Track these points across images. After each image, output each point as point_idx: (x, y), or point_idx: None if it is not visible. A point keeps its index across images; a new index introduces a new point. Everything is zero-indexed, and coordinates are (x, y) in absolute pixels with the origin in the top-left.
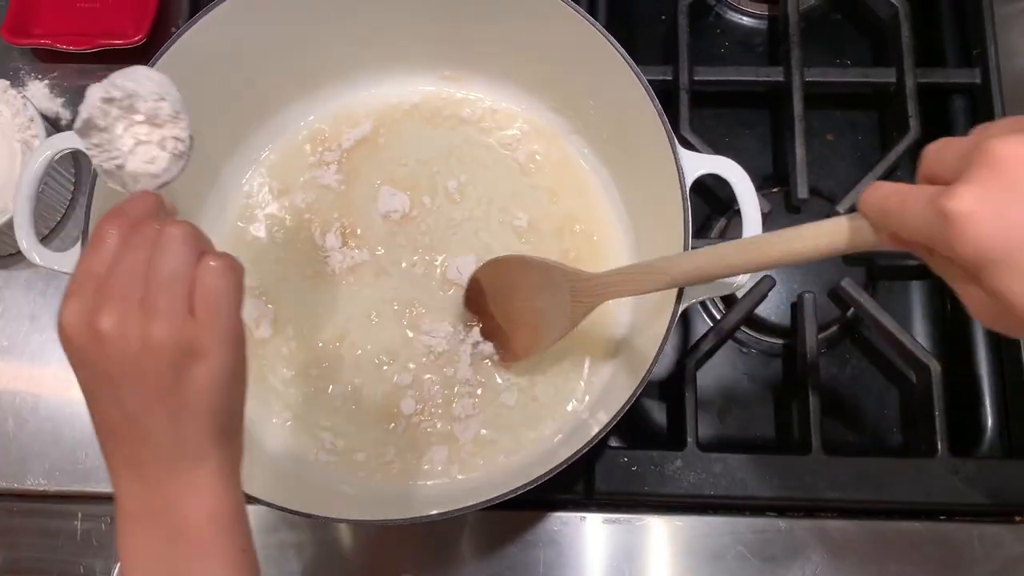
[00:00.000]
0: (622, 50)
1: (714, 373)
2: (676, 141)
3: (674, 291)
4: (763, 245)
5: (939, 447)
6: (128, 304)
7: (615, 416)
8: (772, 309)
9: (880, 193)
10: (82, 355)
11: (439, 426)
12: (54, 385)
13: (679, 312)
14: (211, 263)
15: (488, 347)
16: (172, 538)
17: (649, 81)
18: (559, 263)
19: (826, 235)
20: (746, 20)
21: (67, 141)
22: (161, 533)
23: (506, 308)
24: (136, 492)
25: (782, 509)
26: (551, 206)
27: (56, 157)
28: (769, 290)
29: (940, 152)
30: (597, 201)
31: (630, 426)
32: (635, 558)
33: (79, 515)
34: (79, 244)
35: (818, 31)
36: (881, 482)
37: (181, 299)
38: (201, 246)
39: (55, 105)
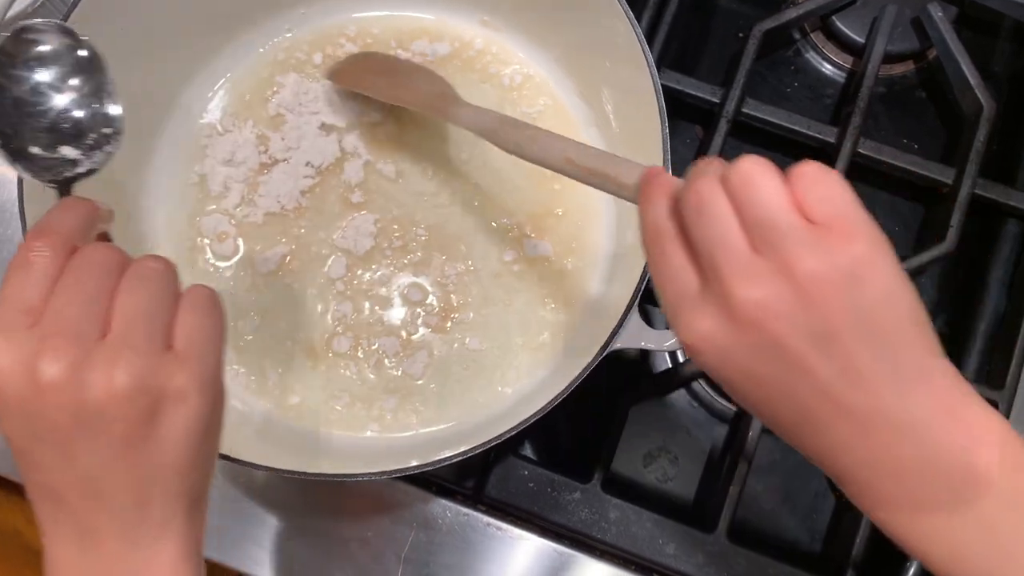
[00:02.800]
0: (651, 60)
1: (656, 415)
2: (669, 162)
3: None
4: (558, 143)
5: (848, 572)
6: (81, 344)
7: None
8: None
9: (654, 231)
10: (20, 407)
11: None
12: None
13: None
14: (198, 297)
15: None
16: None
17: (694, 98)
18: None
19: (611, 167)
20: (825, 67)
21: None
22: None
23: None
24: (83, 566)
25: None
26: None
27: None
28: None
29: (697, 220)
30: (589, 199)
31: (545, 440)
32: (499, 569)
33: None
34: None
35: (895, 103)
36: None
37: (160, 336)
38: (178, 280)
39: None
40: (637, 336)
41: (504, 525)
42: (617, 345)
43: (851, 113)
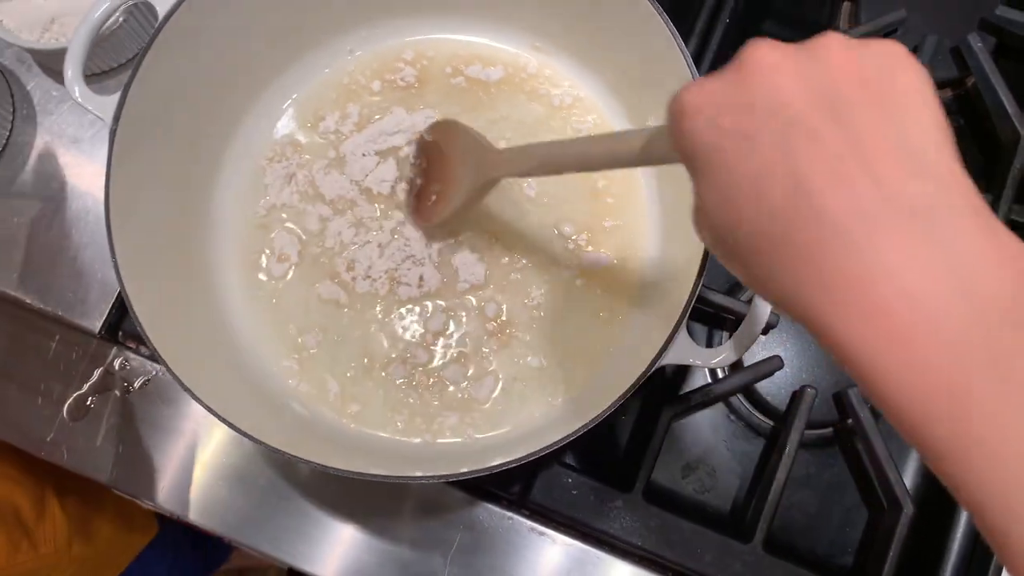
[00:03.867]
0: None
1: (694, 429)
2: None
3: (680, 306)
4: (594, 145)
5: None
6: None
7: (605, 411)
8: (773, 390)
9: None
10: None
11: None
12: (72, 214)
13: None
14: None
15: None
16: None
17: None
18: (480, 134)
19: (642, 139)
20: None
21: None
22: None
23: (439, 172)
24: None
25: None
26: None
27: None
28: (775, 370)
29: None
30: (638, 197)
31: (587, 451)
32: (541, 572)
33: (56, 337)
34: (118, 94)
35: None
36: None
37: None
38: None
39: None
40: (685, 352)
41: (547, 530)
42: (665, 360)
43: None
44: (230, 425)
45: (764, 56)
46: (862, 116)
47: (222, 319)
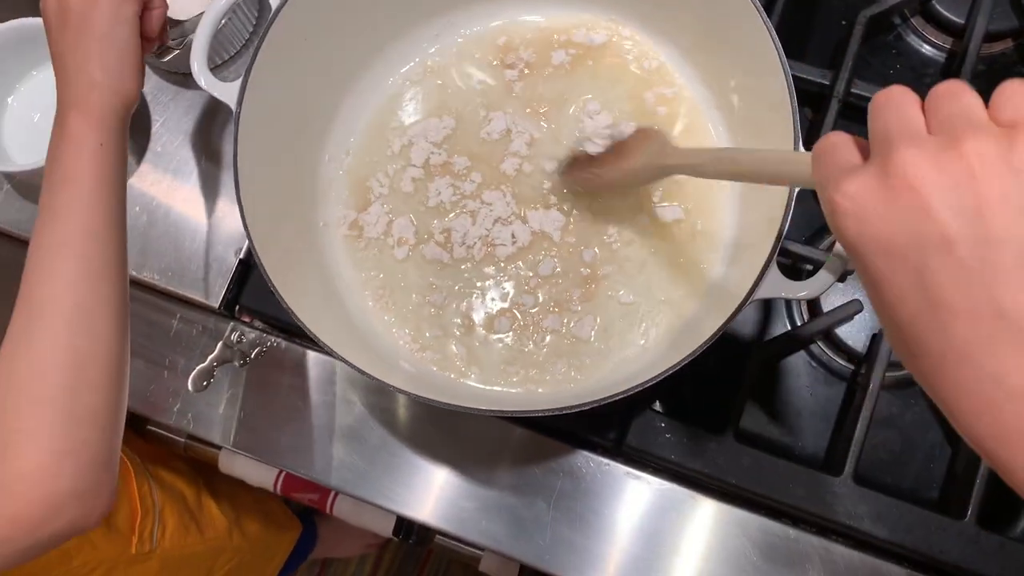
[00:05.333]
0: (778, 44)
1: (778, 376)
2: (801, 144)
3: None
4: (746, 158)
5: (968, 513)
6: None
7: (699, 348)
8: (852, 334)
9: (826, 142)
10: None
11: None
12: (187, 200)
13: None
14: None
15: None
16: (59, 133)
17: (805, 81)
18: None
19: (786, 163)
20: (925, 48)
21: None
22: (57, 123)
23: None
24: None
25: (796, 519)
26: None
27: None
28: (855, 313)
29: (880, 111)
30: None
31: (675, 397)
32: (643, 515)
33: (177, 315)
34: (238, 81)
35: (996, 80)
36: (898, 525)
37: None
38: None
39: None
40: (776, 287)
41: (642, 474)
42: (758, 295)
43: None
44: (352, 366)
45: (910, 168)
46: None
47: (333, 279)
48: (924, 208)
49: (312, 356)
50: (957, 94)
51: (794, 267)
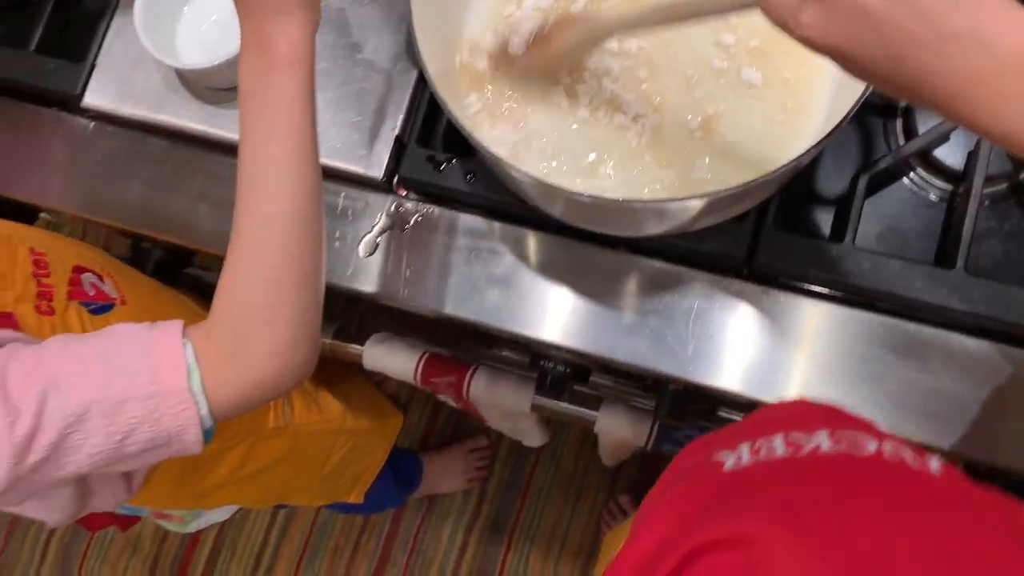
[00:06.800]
0: None
1: (882, 203)
2: None
3: None
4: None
5: None
6: None
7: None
8: (949, 154)
9: None
10: None
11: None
12: (346, 89)
13: None
14: None
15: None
16: (264, 55)
17: None
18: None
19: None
20: None
21: None
22: (259, 52)
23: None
24: (247, 31)
25: (914, 316)
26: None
27: None
28: (950, 131)
29: None
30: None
31: (796, 216)
32: (773, 326)
33: (342, 194)
34: None
35: None
36: (1011, 308)
37: None
38: None
39: None
40: None
41: (772, 290)
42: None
43: None
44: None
45: None
46: None
47: None
48: (860, 6)
49: (464, 218)
50: None
51: (887, 107)
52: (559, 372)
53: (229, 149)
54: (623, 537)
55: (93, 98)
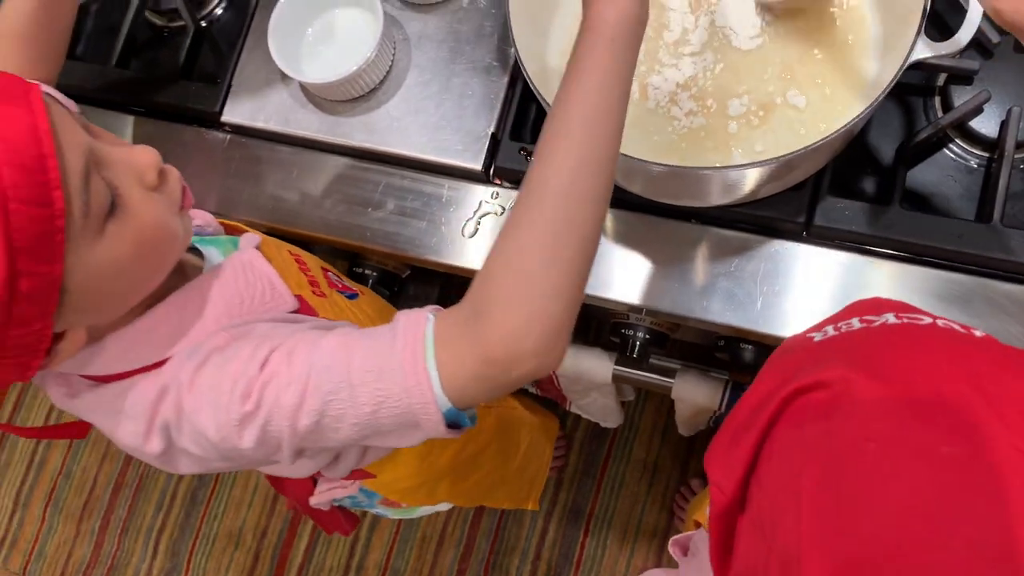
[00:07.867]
0: None
1: (924, 173)
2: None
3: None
4: None
5: None
6: None
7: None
8: (984, 124)
9: None
10: None
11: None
12: (447, 96)
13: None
14: None
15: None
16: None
17: None
18: None
19: None
20: None
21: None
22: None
23: None
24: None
25: (957, 268)
26: None
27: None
28: (984, 102)
29: None
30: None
31: (848, 184)
32: (833, 281)
33: (446, 186)
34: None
35: None
36: None
37: None
38: None
39: None
40: (926, 49)
41: (829, 251)
42: (913, 57)
43: None
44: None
45: None
46: None
47: None
48: None
49: None
50: None
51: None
52: (640, 338)
53: (347, 152)
54: (705, 503)
55: (230, 115)
